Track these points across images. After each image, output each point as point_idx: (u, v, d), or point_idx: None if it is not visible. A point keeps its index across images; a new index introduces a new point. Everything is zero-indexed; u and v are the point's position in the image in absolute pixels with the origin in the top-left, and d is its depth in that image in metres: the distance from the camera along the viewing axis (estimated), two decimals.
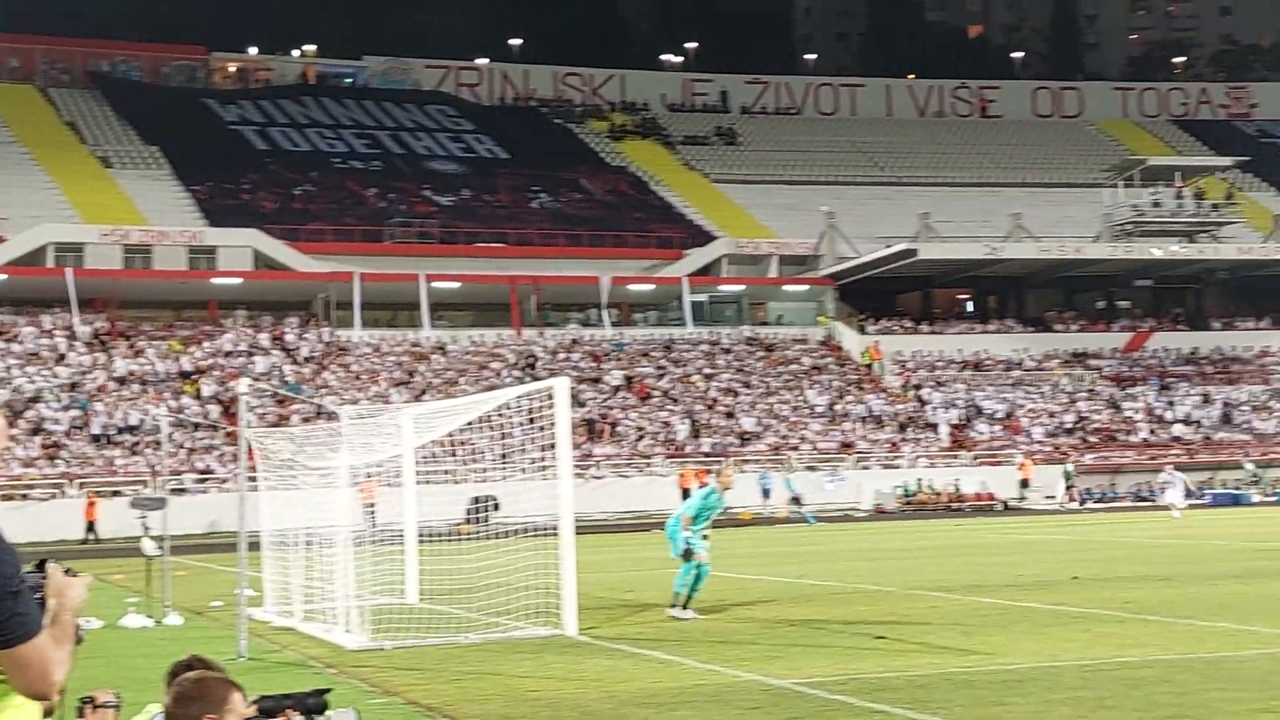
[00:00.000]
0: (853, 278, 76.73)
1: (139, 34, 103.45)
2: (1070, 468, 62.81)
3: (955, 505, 60.48)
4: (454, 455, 30.51)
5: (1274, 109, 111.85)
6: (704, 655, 17.18)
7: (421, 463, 25.18)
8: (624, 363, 70.80)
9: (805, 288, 78.86)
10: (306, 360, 66.72)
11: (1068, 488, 61.30)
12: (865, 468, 63.76)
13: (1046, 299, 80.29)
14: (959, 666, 15.61)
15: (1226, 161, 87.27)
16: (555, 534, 19.91)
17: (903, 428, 67.93)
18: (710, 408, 67.77)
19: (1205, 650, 16.39)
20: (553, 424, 19.96)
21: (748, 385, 70.12)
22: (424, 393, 61.04)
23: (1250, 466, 64.43)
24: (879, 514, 58.86)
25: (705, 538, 21.10)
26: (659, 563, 21.42)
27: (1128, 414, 70.37)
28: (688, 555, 20.97)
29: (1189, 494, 52.04)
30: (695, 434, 65.30)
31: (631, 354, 71.81)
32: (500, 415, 21.97)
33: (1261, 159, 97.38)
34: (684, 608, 21.00)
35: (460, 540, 25.44)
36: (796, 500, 54.94)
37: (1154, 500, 56.46)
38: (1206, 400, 71.61)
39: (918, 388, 71.25)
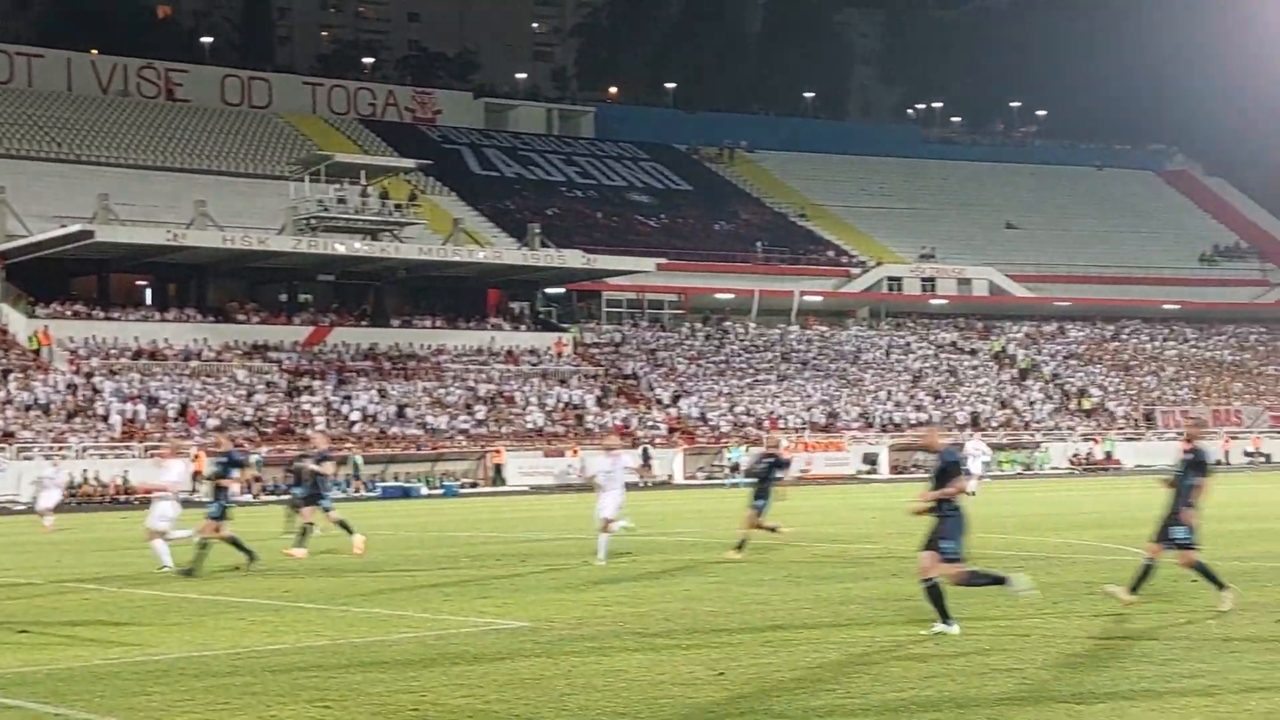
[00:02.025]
0: (22, 257, 72.64)
1: None
2: (359, 458, 63.89)
3: (124, 498, 58.71)
4: None
5: (456, 117, 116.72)
6: None
7: None
8: None
9: None
10: None
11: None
12: (28, 458, 60.45)
13: (228, 289, 79.39)
14: (105, 658, 15.14)
15: (410, 164, 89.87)
16: None
17: (71, 417, 65.08)
18: None
19: (356, 635, 16.67)
20: None
21: None
22: None
23: (358, 460, 65.66)
24: None
25: None
26: None
27: (306, 407, 70.94)
28: None
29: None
30: None
31: None
32: None
33: (444, 164, 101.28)
34: None
35: None
36: None
37: None
38: (384, 395, 73.45)
39: (90, 375, 68.56)
